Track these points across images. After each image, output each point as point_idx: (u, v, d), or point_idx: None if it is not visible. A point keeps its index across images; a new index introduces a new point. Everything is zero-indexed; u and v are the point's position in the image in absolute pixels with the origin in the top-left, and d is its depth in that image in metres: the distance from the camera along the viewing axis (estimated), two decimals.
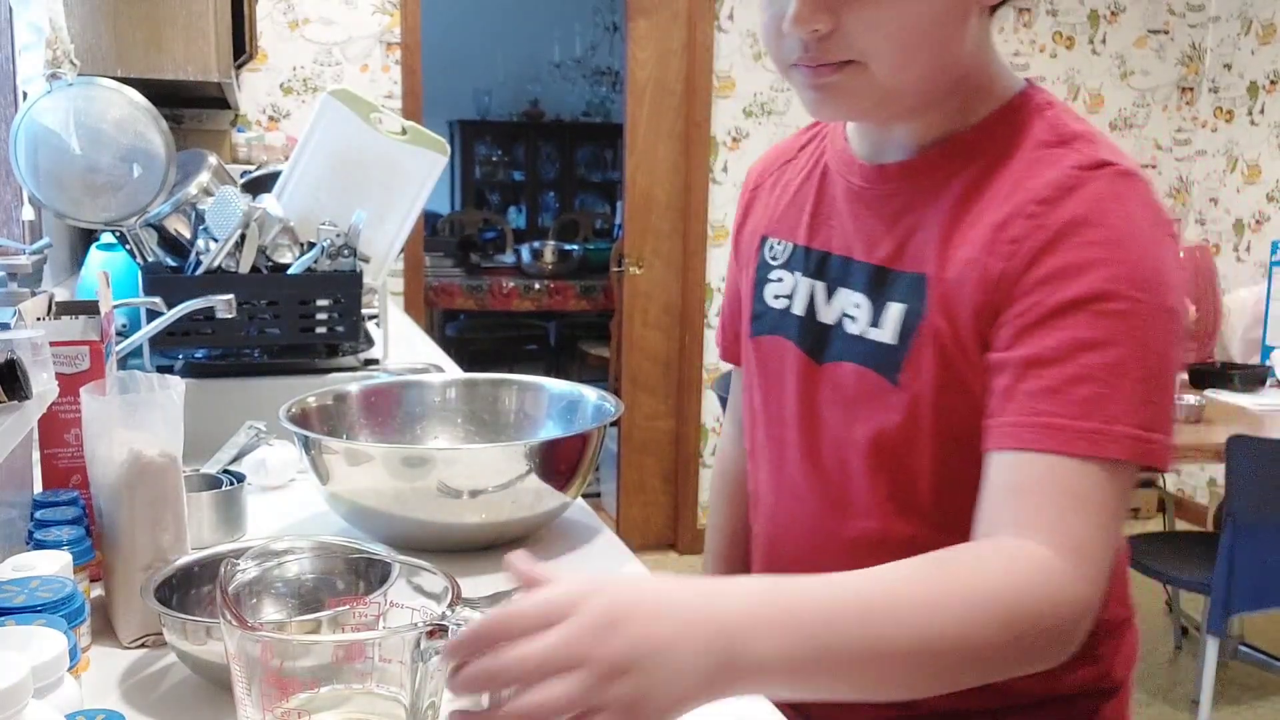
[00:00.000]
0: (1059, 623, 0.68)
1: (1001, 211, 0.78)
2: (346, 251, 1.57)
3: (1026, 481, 0.72)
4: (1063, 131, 0.81)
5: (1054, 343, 0.73)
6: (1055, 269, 0.74)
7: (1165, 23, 4.50)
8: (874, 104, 0.81)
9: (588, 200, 7.51)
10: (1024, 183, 0.78)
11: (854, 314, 0.87)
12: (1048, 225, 0.75)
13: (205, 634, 0.77)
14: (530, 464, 1.03)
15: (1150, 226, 0.76)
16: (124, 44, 1.93)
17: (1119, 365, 0.72)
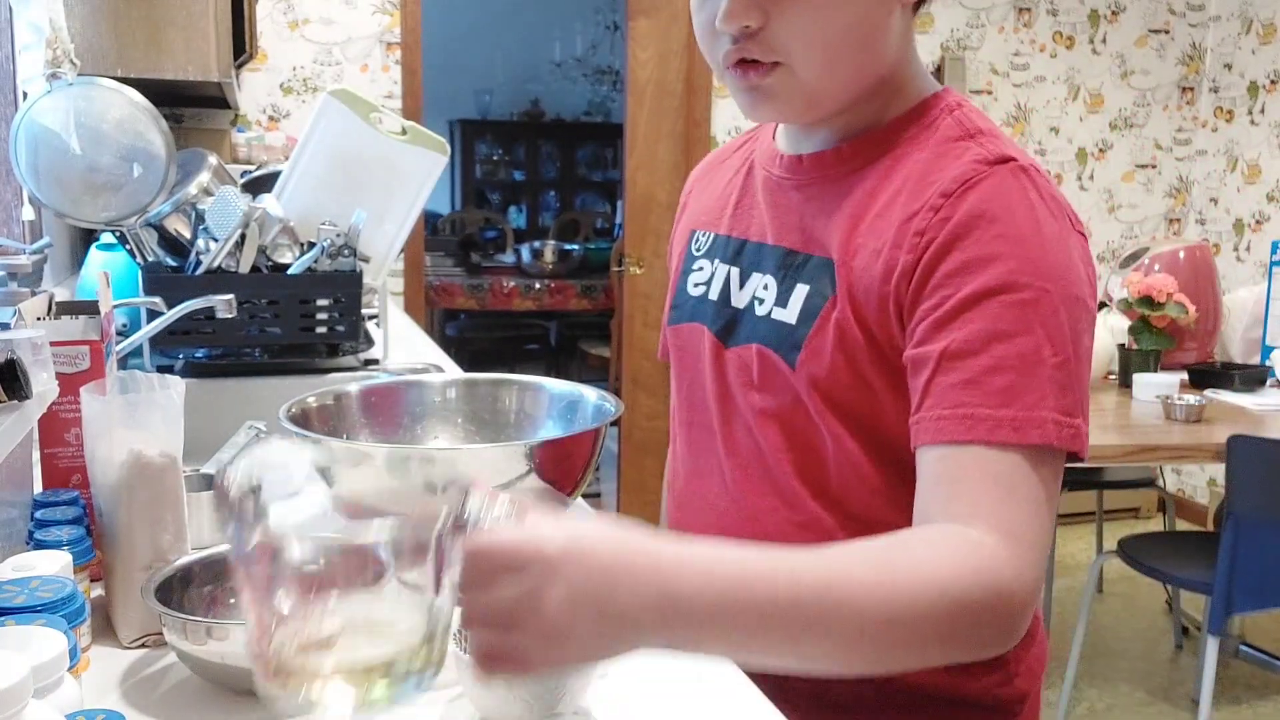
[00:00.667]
0: (1006, 609, 0.69)
1: (909, 206, 0.80)
2: (346, 251, 1.57)
3: (957, 473, 0.73)
4: (968, 127, 0.83)
5: (967, 335, 0.74)
6: (961, 263, 0.76)
7: (1165, 22, 4.50)
8: (802, 106, 0.84)
9: (588, 200, 7.51)
10: (929, 176, 0.80)
11: (763, 295, 0.89)
12: (951, 218, 0.77)
13: (205, 634, 0.77)
14: (530, 464, 1.03)
15: (1052, 218, 0.78)
16: (124, 44, 1.93)
17: (1033, 354, 0.73)
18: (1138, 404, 2.67)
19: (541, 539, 0.60)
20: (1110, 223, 4.58)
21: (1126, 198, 4.58)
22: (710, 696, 0.82)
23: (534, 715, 0.73)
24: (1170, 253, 3.01)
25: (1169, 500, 3.45)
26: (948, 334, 0.75)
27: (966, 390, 0.73)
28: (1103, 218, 4.56)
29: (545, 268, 5.46)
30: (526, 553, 0.60)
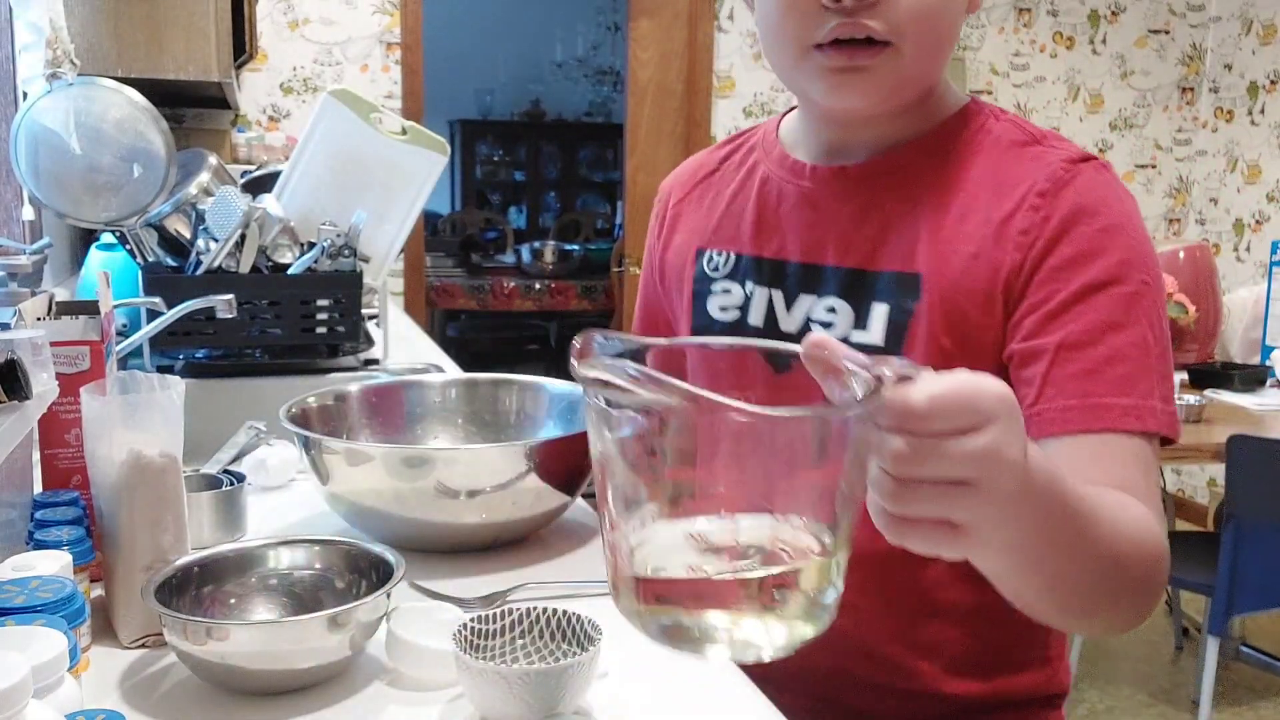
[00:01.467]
0: (1161, 574, 0.71)
1: (1000, 207, 0.81)
2: (346, 251, 1.57)
3: (1095, 459, 0.74)
4: (1031, 131, 0.86)
5: (1082, 327, 0.77)
6: (1069, 257, 0.78)
7: (1165, 23, 4.50)
8: (891, 91, 0.83)
9: (589, 200, 7.51)
10: (1011, 178, 0.82)
11: (828, 319, 0.88)
12: (1052, 216, 0.79)
13: (205, 634, 0.77)
14: (530, 464, 1.03)
15: (1134, 213, 0.82)
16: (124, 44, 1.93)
17: (1141, 343, 0.77)
18: None
19: (990, 383, 0.52)
20: None
21: None
22: (710, 697, 0.82)
23: (534, 715, 0.73)
24: (1170, 253, 3.01)
25: (1169, 500, 3.45)
26: (1061, 326, 0.77)
27: (1089, 380, 0.75)
28: None
29: (545, 268, 5.45)
30: (995, 397, 0.51)
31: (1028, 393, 0.78)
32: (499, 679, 0.73)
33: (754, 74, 3.95)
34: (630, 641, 0.88)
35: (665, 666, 0.86)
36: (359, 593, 0.87)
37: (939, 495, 0.51)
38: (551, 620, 0.82)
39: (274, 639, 0.78)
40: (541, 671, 0.73)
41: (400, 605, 0.85)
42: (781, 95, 3.98)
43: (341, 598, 0.88)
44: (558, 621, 0.82)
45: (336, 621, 0.78)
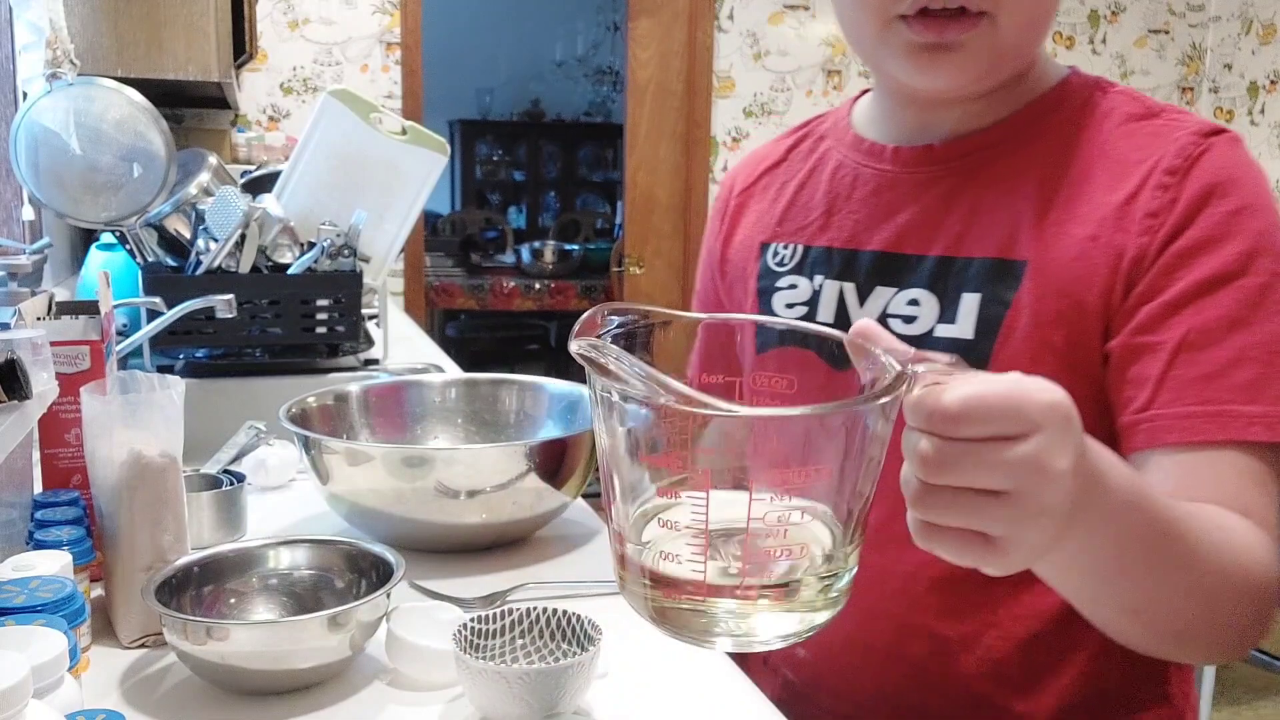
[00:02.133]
0: (1270, 602, 0.65)
1: (1121, 187, 0.73)
2: (346, 251, 1.57)
3: (1214, 473, 0.68)
4: (1148, 104, 0.78)
5: (1204, 323, 0.69)
6: (1196, 241, 0.71)
7: (1165, 23, 4.50)
8: (986, 70, 0.75)
9: (588, 200, 7.51)
10: (1135, 155, 0.74)
11: (911, 313, 0.79)
12: (1182, 196, 0.72)
13: (205, 634, 0.77)
14: (530, 464, 1.03)
15: (1266, 191, 0.74)
16: (124, 44, 1.94)
17: (1272, 344, 0.69)
18: None
19: (1040, 389, 0.48)
20: None
21: None
22: (710, 697, 0.82)
23: (534, 715, 0.73)
24: None
25: None
26: (1182, 321, 0.70)
27: (1212, 385, 0.68)
28: None
29: (545, 268, 5.45)
30: (1039, 403, 0.47)
31: (1136, 395, 0.70)
32: (499, 679, 0.73)
33: (754, 74, 3.95)
34: (630, 641, 0.88)
35: (665, 666, 0.86)
36: (359, 593, 0.87)
37: (968, 504, 0.48)
38: (551, 620, 0.82)
39: (274, 639, 0.78)
40: (541, 671, 0.73)
41: (400, 605, 0.85)
42: (781, 95, 3.98)
43: (341, 598, 0.88)
44: (558, 621, 0.82)
45: (336, 621, 0.78)
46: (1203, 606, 0.62)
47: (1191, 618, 0.63)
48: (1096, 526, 0.53)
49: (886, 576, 0.80)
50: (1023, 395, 0.47)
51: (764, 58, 3.95)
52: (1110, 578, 0.58)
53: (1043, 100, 0.79)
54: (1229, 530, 0.65)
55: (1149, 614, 0.62)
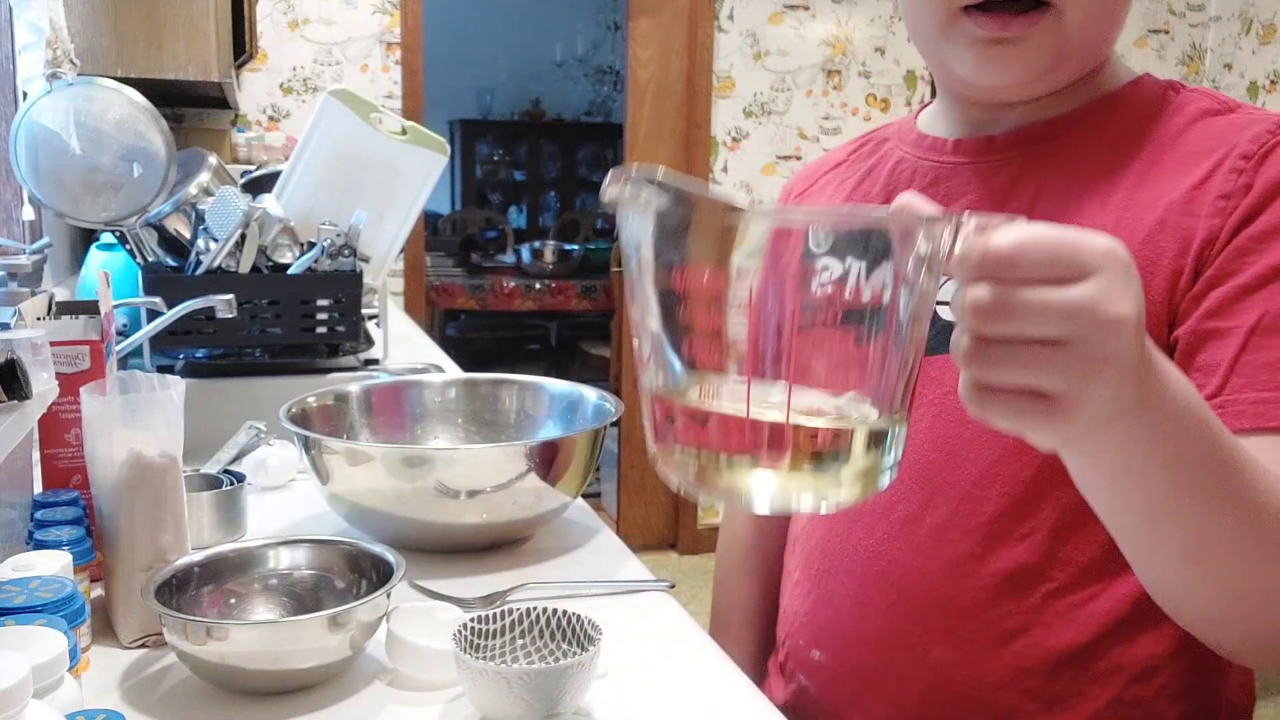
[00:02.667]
0: None
1: (1192, 173, 0.72)
2: (346, 251, 1.57)
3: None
4: (1225, 100, 0.77)
5: (1271, 315, 0.66)
6: (1270, 226, 0.68)
7: (1165, 23, 4.50)
8: (1051, 66, 0.74)
9: (589, 200, 7.51)
10: (1208, 144, 0.73)
11: None
12: (1259, 181, 0.70)
13: (205, 634, 0.77)
14: (530, 464, 1.03)
15: None
16: (124, 44, 1.93)
17: None
18: None
19: (1095, 236, 0.46)
20: None
21: None
22: (711, 697, 0.82)
23: (534, 715, 0.73)
24: None
25: None
26: (1256, 306, 0.67)
27: (1268, 373, 0.65)
28: None
29: (545, 268, 5.45)
30: (1095, 249, 0.46)
31: (1207, 381, 0.67)
32: (499, 679, 0.73)
33: (754, 74, 3.95)
34: (630, 641, 0.88)
35: (665, 666, 0.86)
36: (359, 593, 0.88)
37: (1026, 356, 0.45)
38: (551, 620, 0.82)
39: (274, 639, 0.78)
40: (541, 671, 0.73)
41: (400, 605, 0.85)
42: (781, 95, 3.97)
43: (341, 598, 0.88)
44: (558, 621, 0.82)
45: (336, 621, 0.79)
46: (1272, 562, 0.57)
47: (1259, 576, 0.58)
48: (1156, 426, 0.51)
49: (917, 574, 0.77)
50: (1077, 238, 0.45)
51: (764, 58, 3.95)
52: (1167, 503, 0.55)
53: (1113, 95, 0.78)
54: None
55: (1209, 562, 0.58)
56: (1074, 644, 0.75)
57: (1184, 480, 0.54)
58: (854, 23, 4.13)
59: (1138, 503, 0.56)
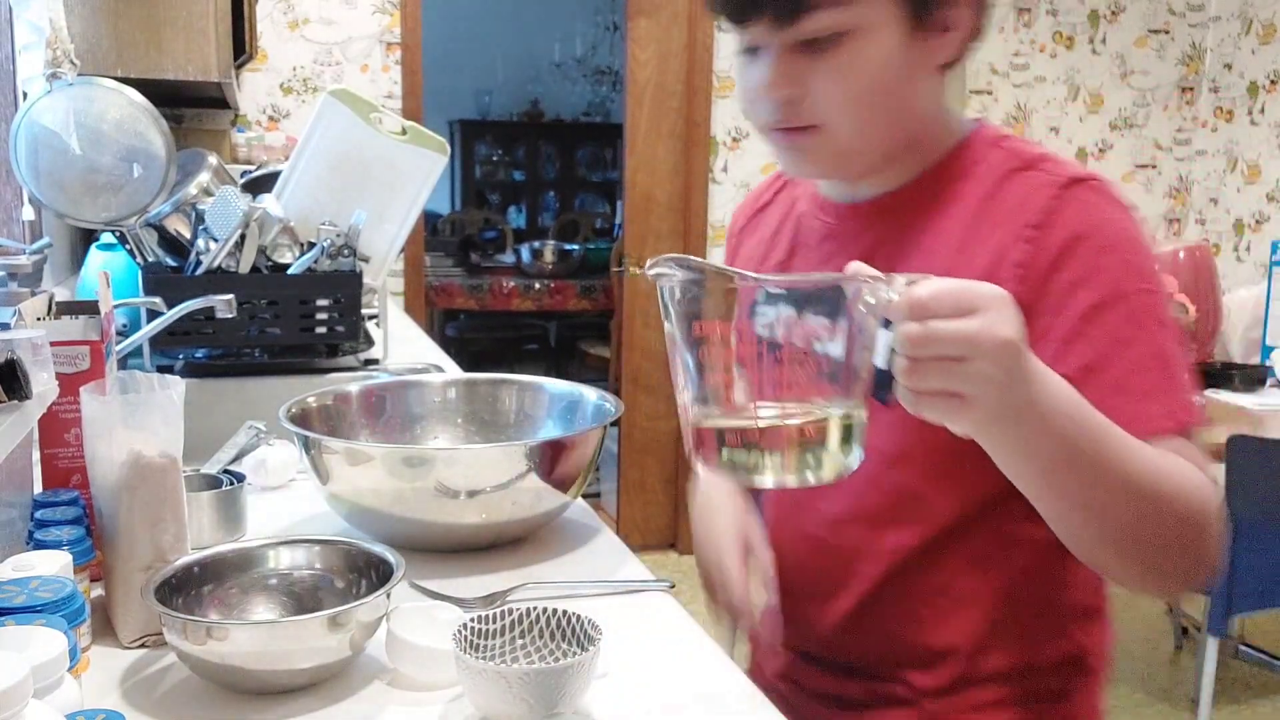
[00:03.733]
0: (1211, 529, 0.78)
1: (993, 237, 0.86)
2: (346, 251, 1.57)
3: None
4: (1026, 156, 0.89)
5: (1098, 350, 0.81)
6: (1069, 283, 0.83)
7: (1165, 23, 4.50)
8: (836, 164, 0.92)
9: (588, 200, 7.50)
10: (1007, 208, 0.87)
11: None
12: (1047, 247, 0.84)
13: (205, 634, 0.77)
14: (530, 464, 1.03)
15: (1131, 225, 0.86)
16: (124, 44, 1.93)
17: (1158, 351, 0.82)
18: None
19: (983, 284, 0.67)
20: None
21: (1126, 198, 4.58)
22: (710, 697, 0.82)
23: (534, 715, 0.73)
24: (1170, 253, 3.02)
25: None
26: (1078, 353, 0.82)
27: (1119, 397, 0.79)
28: None
29: (545, 268, 5.45)
30: (983, 294, 0.66)
31: None
32: (499, 679, 0.73)
33: None
34: (630, 641, 0.88)
35: (665, 666, 0.86)
36: (359, 593, 0.88)
37: (942, 369, 0.65)
38: (551, 620, 0.82)
39: (274, 639, 0.78)
40: (541, 671, 0.73)
41: (400, 605, 0.85)
42: None
43: (341, 598, 0.88)
44: (558, 621, 0.82)
45: (336, 621, 0.79)
46: (1145, 512, 0.75)
47: (1136, 523, 0.75)
48: (1045, 415, 0.69)
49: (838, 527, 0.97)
50: (972, 286, 0.66)
51: None
52: (1056, 469, 0.73)
53: (943, 162, 0.92)
54: (1165, 455, 0.78)
55: (1097, 512, 0.75)
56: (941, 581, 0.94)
57: (1069, 452, 0.72)
58: None
59: (1035, 470, 0.74)
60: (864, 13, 0.83)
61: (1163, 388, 0.81)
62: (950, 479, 0.89)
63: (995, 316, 0.65)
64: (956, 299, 0.65)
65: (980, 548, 0.91)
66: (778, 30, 0.84)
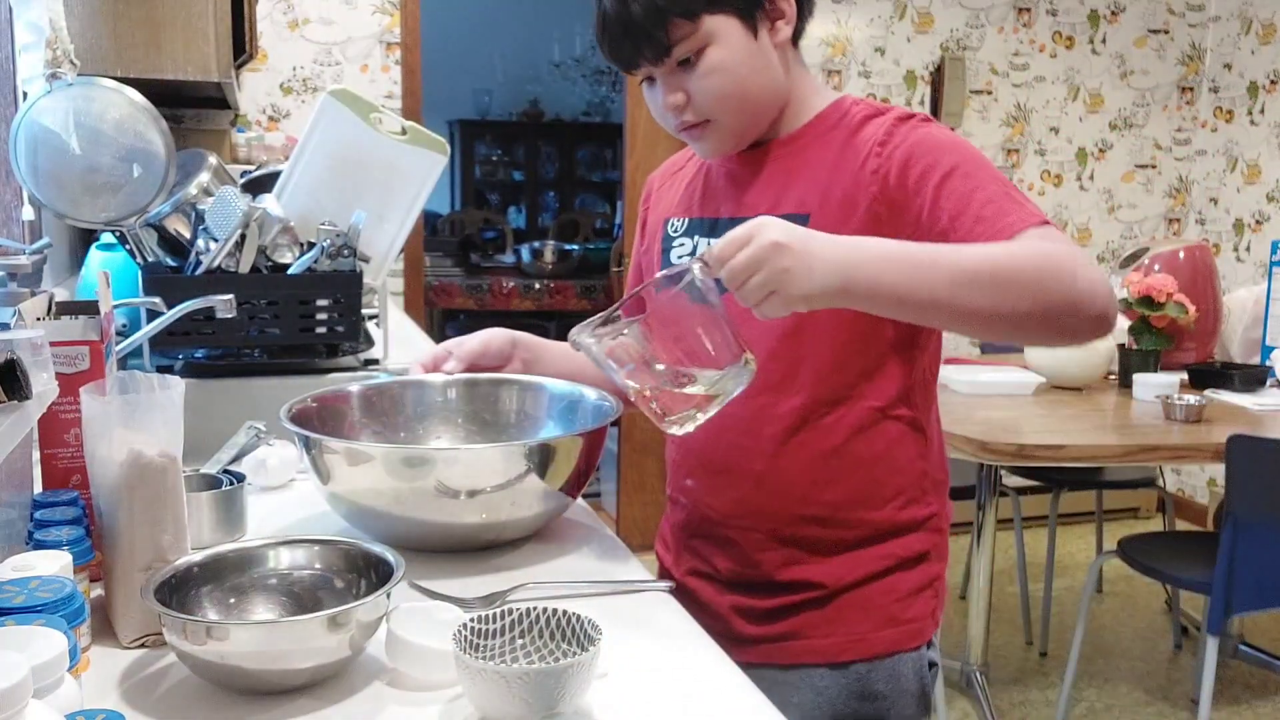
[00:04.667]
0: (1080, 275, 0.97)
1: (857, 160, 1.11)
2: (346, 251, 1.57)
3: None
4: (878, 108, 1.14)
5: (955, 203, 1.04)
6: (921, 172, 1.06)
7: (1165, 22, 4.51)
8: (734, 142, 1.17)
9: (588, 200, 7.50)
10: (863, 139, 1.12)
11: None
12: (894, 155, 1.08)
13: (205, 634, 0.77)
14: (530, 464, 1.03)
15: (948, 132, 1.11)
16: (124, 44, 1.93)
17: (999, 190, 1.05)
18: (1138, 404, 2.67)
19: (753, 220, 0.93)
20: (1110, 223, 4.58)
21: (1126, 198, 4.58)
22: (710, 697, 0.82)
23: (534, 715, 0.73)
24: (1170, 253, 3.01)
25: (1169, 500, 3.45)
26: (943, 209, 1.05)
27: (980, 225, 1.02)
28: (1102, 218, 4.56)
29: (545, 268, 5.45)
30: (749, 225, 0.92)
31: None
32: (499, 679, 0.73)
33: None
34: (630, 642, 0.88)
35: (665, 666, 0.86)
36: (359, 593, 0.88)
37: (754, 286, 0.90)
38: (551, 620, 0.82)
39: (274, 639, 0.78)
40: (541, 671, 0.73)
41: (400, 605, 0.85)
42: None
43: (341, 598, 0.88)
44: (558, 621, 0.82)
45: (336, 621, 0.79)
46: (1009, 279, 0.95)
47: (1006, 291, 0.95)
48: (867, 260, 0.93)
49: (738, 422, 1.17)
50: (741, 226, 0.92)
51: None
52: (912, 292, 0.95)
53: (819, 116, 1.17)
54: (1020, 239, 0.99)
55: (972, 300, 0.95)
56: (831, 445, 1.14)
57: (911, 272, 0.95)
58: (854, 23, 4.13)
59: (898, 297, 0.95)
60: (710, 30, 1.09)
61: (1010, 207, 1.03)
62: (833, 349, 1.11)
63: (762, 234, 0.90)
64: (732, 239, 0.91)
65: (860, 418, 1.13)
66: (657, 64, 1.13)
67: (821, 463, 1.14)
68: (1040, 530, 4.04)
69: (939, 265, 0.95)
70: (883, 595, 1.16)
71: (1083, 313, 0.98)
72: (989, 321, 0.98)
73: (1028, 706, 2.96)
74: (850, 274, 0.92)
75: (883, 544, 1.16)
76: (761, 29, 1.12)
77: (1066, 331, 1.01)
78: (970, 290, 0.95)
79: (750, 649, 1.12)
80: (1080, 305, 0.97)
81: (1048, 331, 1.02)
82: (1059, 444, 2.27)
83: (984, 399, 2.67)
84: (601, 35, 1.17)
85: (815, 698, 1.14)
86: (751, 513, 1.16)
